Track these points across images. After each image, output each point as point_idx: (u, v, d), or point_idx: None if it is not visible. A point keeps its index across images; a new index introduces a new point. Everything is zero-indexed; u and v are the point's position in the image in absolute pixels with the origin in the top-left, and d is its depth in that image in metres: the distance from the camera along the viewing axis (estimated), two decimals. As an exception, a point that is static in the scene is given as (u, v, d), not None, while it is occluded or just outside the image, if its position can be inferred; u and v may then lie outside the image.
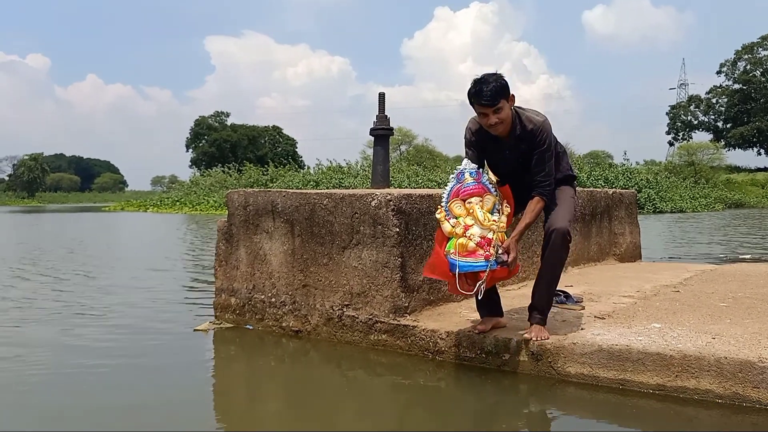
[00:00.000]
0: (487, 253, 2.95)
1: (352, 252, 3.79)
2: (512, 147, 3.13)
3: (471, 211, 3.04)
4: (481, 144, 3.18)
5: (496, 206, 3.08)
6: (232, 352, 4.04)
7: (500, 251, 2.96)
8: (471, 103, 3.06)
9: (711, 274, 4.98)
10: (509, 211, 3.11)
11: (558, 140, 3.29)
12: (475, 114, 3.11)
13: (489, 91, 2.95)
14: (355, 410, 2.92)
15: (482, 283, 2.96)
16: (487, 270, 2.94)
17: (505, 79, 3.02)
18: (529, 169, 3.12)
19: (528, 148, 3.10)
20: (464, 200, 3.07)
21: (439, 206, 3.15)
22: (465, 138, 3.23)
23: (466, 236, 2.99)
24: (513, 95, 3.05)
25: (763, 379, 2.60)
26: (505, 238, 3.03)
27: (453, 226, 3.03)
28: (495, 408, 2.85)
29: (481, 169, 3.14)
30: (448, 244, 3.03)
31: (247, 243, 4.33)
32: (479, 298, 3.03)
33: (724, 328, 3.13)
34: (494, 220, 3.01)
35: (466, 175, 3.11)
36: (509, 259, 2.97)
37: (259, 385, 3.39)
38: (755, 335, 2.97)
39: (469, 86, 3.03)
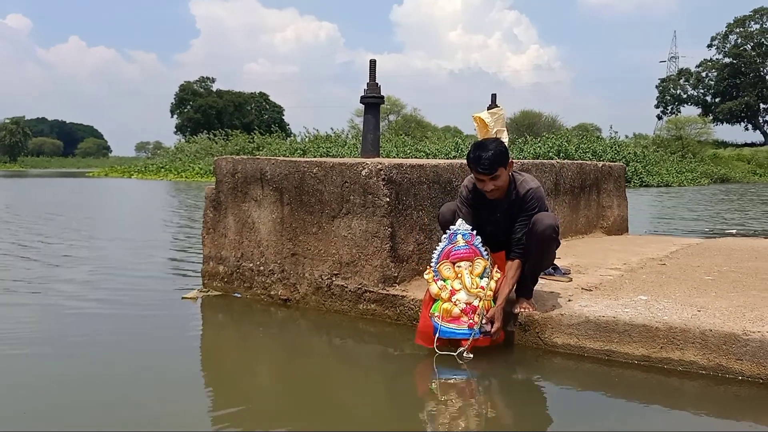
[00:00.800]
0: (471, 321, 2.98)
1: (342, 221, 3.77)
2: (504, 210, 3.15)
3: (459, 275, 3.06)
4: (476, 202, 3.19)
5: (487, 270, 3.10)
6: (220, 319, 4.03)
7: (484, 321, 2.99)
8: (469, 167, 3.09)
9: (697, 248, 5.03)
10: (500, 276, 3.11)
11: (549, 208, 3.31)
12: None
13: (487, 160, 2.97)
14: (344, 379, 2.94)
15: (464, 350, 2.96)
16: (470, 339, 2.96)
17: (505, 145, 3.08)
18: (513, 229, 3.12)
19: (518, 211, 3.11)
20: (454, 263, 3.09)
21: (428, 267, 3.17)
22: (461, 195, 3.25)
23: (451, 301, 3.02)
24: (512, 161, 3.09)
25: (747, 351, 2.64)
26: (492, 305, 3.04)
27: (440, 289, 3.06)
28: (482, 377, 2.88)
29: (474, 231, 3.14)
30: (434, 306, 3.07)
31: (236, 211, 4.29)
32: (460, 362, 2.97)
33: (710, 301, 3.17)
34: (482, 287, 3.03)
35: (459, 237, 3.12)
36: (492, 330, 3.00)
37: (247, 353, 3.39)
38: (740, 308, 3.01)
39: (469, 149, 3.08)
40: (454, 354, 2.96)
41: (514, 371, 2.98)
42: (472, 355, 2.94)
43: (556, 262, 3.99)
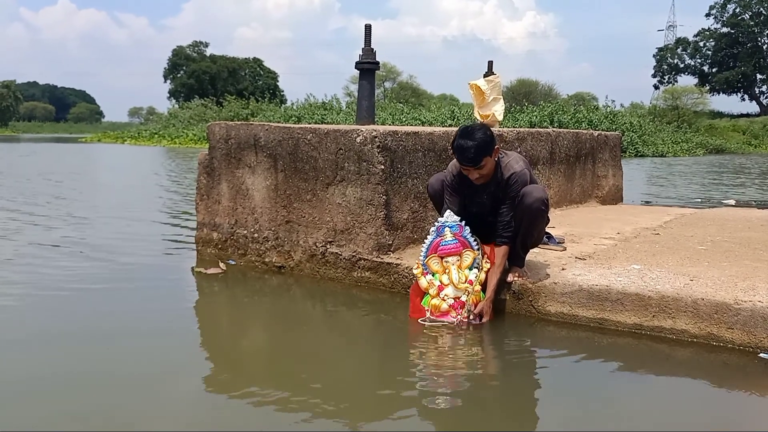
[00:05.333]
0: (459, 316, 3.01)
1: (337, 189, 3.74)
2: (491, 192, 3.13)
3: (447, 270, 3.07)
4: (462, 186, 3.16)
5: (476, 261, 3.09)
6: (214, 286, 4.03)
7: (472, 316, 3.01)
8: (454, 155, 3.04)
9: (691, 218, 5.04)
10: (489, 267, 3.10)
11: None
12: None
13: (472, 152, 2.93)
14: (338, 345, 2.96)
15: (455, 321, 3.02)
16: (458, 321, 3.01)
17: (491, 131, 3.01)
18: (498, 212, 3.10)
19: (503, 195, 3.09)
20: (442, 257, 3.09)
21: (417, 261, 3.17)
22: (446, 181, 3.20)
23: (440, 297, 3.05)
24: (497, 147, 3.04)
25: (738, 320, 2.67)
26: (481, 296, 3.06)
27: (428, 284, 3.07)
28: (474, 344, 2.90)
29: (462, 222, 3.11)
30: (423, 300, 3.09)
31: (229, 177, 4.26)
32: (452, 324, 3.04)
33: (702, 270, 3.19)
34: (470, 281, 3.04)
35: (446, 230, 3.09)
36: (481, 323, 3.03)
37: (241, 319, 3.40)
38: (732, 278, 3.02)
39: (454, 136, 3.02)
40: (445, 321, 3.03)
41: (507, 338, 3.00)
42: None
43: (551, 231, 4.00)
